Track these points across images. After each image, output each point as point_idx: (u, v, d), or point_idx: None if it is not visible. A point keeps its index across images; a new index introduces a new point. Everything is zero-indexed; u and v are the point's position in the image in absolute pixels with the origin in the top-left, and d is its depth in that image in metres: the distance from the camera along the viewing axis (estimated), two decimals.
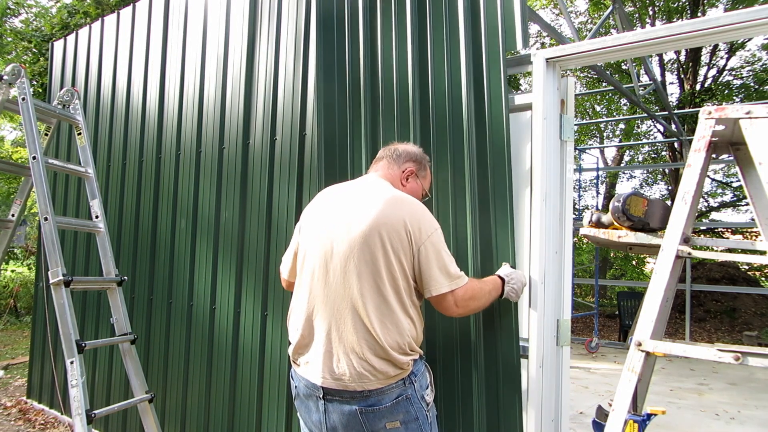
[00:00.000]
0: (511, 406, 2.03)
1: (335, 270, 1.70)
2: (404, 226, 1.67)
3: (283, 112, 2.99)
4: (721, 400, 5.26)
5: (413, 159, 1.97)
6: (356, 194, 1.81)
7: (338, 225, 1.74)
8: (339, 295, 1.68)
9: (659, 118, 8.20)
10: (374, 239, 1.66)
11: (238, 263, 3.11)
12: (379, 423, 1.64)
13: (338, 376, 1.65)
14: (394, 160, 1.95)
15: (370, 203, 1.73)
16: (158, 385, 3.50)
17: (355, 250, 1.67)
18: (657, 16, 12.59)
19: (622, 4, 5.67)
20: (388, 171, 1.93)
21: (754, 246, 1.68)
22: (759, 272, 12.50)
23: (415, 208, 1.75)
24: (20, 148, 13.87)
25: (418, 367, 1.73)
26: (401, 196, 1.78)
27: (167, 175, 3.64)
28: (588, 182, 15.40)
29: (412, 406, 1.67)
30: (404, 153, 1.97)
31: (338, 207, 1.80)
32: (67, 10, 9.85)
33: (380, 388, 1.63)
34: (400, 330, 1.66)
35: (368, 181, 1.89)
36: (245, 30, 3.27)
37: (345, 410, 1.66)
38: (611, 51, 2.06)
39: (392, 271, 1.66)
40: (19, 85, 2.56)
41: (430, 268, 1.68)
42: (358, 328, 1.65)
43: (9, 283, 10.26)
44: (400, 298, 1.68)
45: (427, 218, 1.74)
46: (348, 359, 1.64)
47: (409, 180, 1.95)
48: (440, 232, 1.75)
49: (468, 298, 1.75)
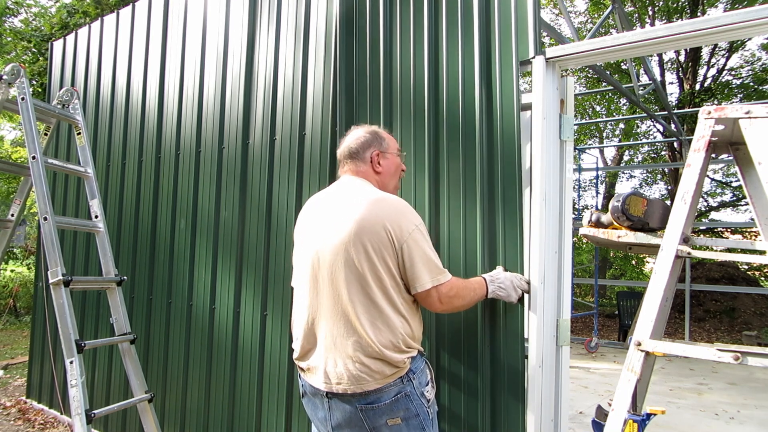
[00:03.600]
0: (514, 407, 2.03)
1: (324, 279, 1.74)
2: (384, 227, 1.68)
3: (283, 111, 2.99)
4: (720, 399, 5.26)
5: (368, 144, 1.92)
6: (337, 201, 1.83)
7: (322, 234, 1.78)
8: (331, 303, 1.72)
9: (659, 118, 8.20)
10: (356, 245, 1.68)
11: (237, 263, 3.11)
12: (380, 420, 1.67)
13: (338, 381, 1.69)
14: (355, 159, 1.92)
15: (350, 209, 1.74)
16: (158, 385, 3.50)
17: (339, 258, 1.70)
18: (656, 16, 12.60)
19: (621, 4, 5.67)
20: (359, 169, 1.91)
21: (754, 246, 1.68)
22: (758, 272, 12.51)
23: (394, 207, 1.76)
24: (20, 148, 13.85)
25: (417, 364, 1.74)
26: (380, 197, 1.77)
27: (167, 175, 3.64)
28: (587, 182, 15.41)
29: (411, 402, 1.69)
30: (358, 146, 1.92)
31: (321, 216, 1.84)
32: (67, 9, 9.85)
33: (379, 387, 1.66)
34: (393, 329, 1.68)
35: (346, 185, 1.88)
36: (245, 30, 3.27)
37: (347, 408, 1.70)
38: (611, 51, 2.06)
39: (377, 273, 1.68)
40: (19, 84, 2.55)
41: (414, 264, 1.70)
42: (350, 333, 1.68)
43: (8, 282, 10.26)
44: (389, 298, 1.70)
45: (406, 215, 1.74)
46: (344, 364, 1.67)
47: (380, 164, 1.92)
48: (422, 228, 1.75)
49: (452, 296, 1.77)
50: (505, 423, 2.06)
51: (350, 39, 2.72)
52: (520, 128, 2.11)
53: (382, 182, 1.93)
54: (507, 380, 2.06)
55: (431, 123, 2.38)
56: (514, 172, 2.10)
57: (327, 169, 2.74)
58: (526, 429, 2.00)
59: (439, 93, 2.37)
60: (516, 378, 2.04)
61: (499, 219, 2.13)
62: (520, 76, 2.17)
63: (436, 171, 2.35)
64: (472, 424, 2.12)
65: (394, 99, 2.52)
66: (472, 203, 2.21)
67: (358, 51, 2.69)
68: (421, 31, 2.46)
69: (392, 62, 2.55)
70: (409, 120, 2.46)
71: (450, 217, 2.26)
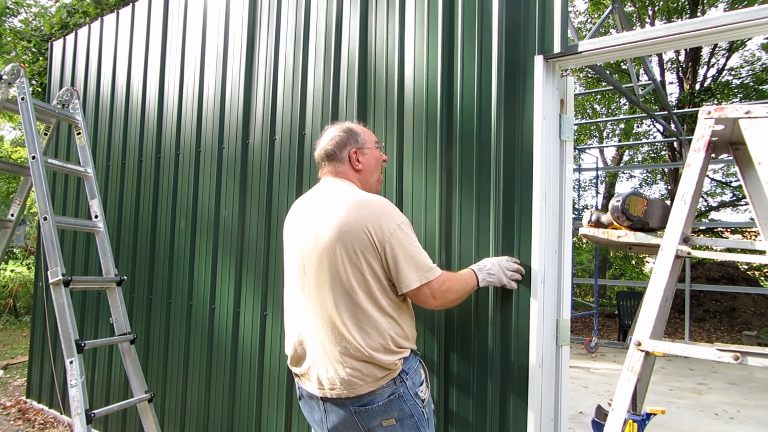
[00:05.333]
0: (522, 409, 2.04)
1: (309, 286, 1.75)
2: (364, 230, 1.66)
3: (283, 111, 2.99)
4: (720, 399, 5.27)
5: (344, 142, 1.88)
6: (318, 206, 1.81)
7: (305, 241, 1.77)
8: (317, 310, 1.72)
9: (659, 118, 8.20)
10: (338, 251, 1.67)
11: (237, 263, 3.11)
12: (374, 421, 1.68)
13: (331, 387, 1.69)
14: (333, 161, 1.88)
15: (331, 214, 1.72)
16: (157, 385, 3.50)
17: (323, 265, 1.70)
18: (656, 15, 12.60)
19: (621, 4, 5.67)
20: (338, 169, 1.88)
21: (754, 246, 1.68)
22: (758, 272, 12.51)
23: (375, 207, 1.72)
24: (19, 148, 13.86)
25: (410, 364, 1.74)
26: (360, 200, 1.74)
27: (167, 175, 3.64)
28: (587, 182, 15.42)
29: (405, 403, 1.69)
30: (333, 146, 1.88)
31: (304, 222, 1.82)
32: (67, 9, 9.85)
33: (371, 390, 1.66)
34: (381, 332, 1.67)
35: (327, 188, 1.86)
36: (245, 29, 3.27)
37: (341, 411, 1.71)
38: (610, 51, 2.06)
39: (361, 277, 1.67)
40: (19, 84, 2.55)
41: (398, 264, 1.68)
42: (338, 339, 1.67)
43: (8, 282, 10.25)
44: (375, 301, 1.68)
45: (387, 215, 1.71)
46: (335, 370, 1.68)
47: (359, 161, 1.88)
48: (405, 226, 1.73)
49: (445, 290, 1.75)
50: (513, 426, 2.06)
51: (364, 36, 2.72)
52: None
53: (363, 179, 1.90)
54: (517, 384, 2.06)
55: (443, 121, 2.38)
56: (530, 171, 2.09)
57: None
58: (527, 429, 2.00)
59: (454, 87, 2.34)
60: (523, 382, 2.04)
61: (516, 221, 2.12)
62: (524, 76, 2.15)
63: (449, 168, 2.32)
64: (480, 427, 2.12)
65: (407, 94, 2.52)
66: (485, 202, 2.21)
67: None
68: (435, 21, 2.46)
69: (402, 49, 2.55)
70: (422, 113, 2.45)
71: (462, 223, 2.25)
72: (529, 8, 2.15)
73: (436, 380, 2.25)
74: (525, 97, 2.13)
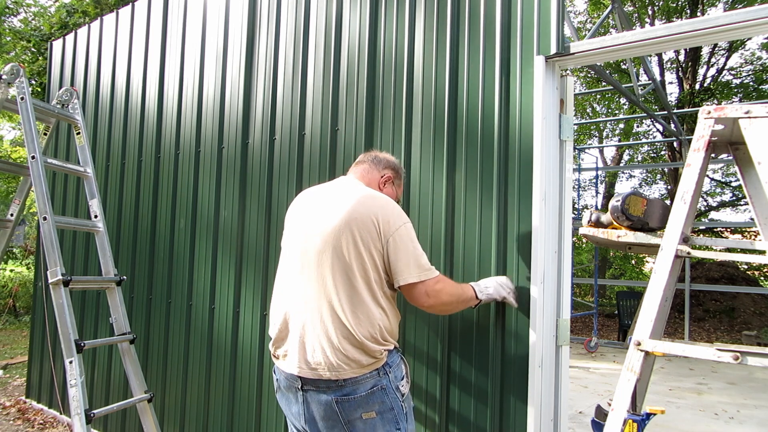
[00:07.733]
0: (521, 407, 2.04)
1: (310, 265, 1.78)
2: (373, 220, 1.75)
3: (283, 111, 2.99)
4: (720, 399, 5.27)
5: (392, 167, 2.07)
6: (332, 193, 1.91)
7: (313, 222, 1.84)
8: (314, 288, 1.76)
9: (658, 118, 8.20)
10: (346, 234, 1.73)
11: (237, 262, 3.11)
12: (355, 413, 1.69)
13: (314, 366, 1.71)
14: (374, 165, 2.04)
15: (344, 201, 1.81)
16: (157, 385, 3.50)
17: (328, 245, 1.75)
18: (656, 15, 12.60)
19: (621, 4, 5.67)
20: (369, 175, 2.02)
21: (754, 245, 1.68)
22: (758, 272, 12.52)
23: (386, 203, 1.82)
24: (19, 148, 13.85)
25: (393, 358, 1.78)
26: (374, 194, 1.86)
27: (166, 175, 3.64)
28: (587, 182, 15.42)
29: (387, 396, 1.72)
30: (384, 160, 2.06)
31: (314, 206, 1.90)
32: (66, 9, 9.85)
33: (354, 377, 1.69)
34: (371, 320, 1.72)
35: (345, 182, 1.98)
36: (244, 29, 3.27)
37: (322, 400, 1.72)
38: (610, 51, 2.06)
39: (363, 263, 1.73)
40: (18, 84, 2.55)
41: (398, 258, 1.75)
42: (332, 319, 1.71)
43: (8, 282, 10.24)
44: (371, 290, 1.74)
45: (396, 213, 1.81)
46: (322, 349, 1.70)
47: (386, 185, 2.04)
48: (409, 227, 1.81)
49: (439, 289, 1.79)
50: (512, 425, 2.06)
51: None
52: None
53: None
54: (515, 384, 2.07)
55: (450, 120, 2.38)
56: (530, 170, 2.10)
57: (327, 169, 2.74)
58: (527, 428, 2.01)
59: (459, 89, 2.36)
60: (525, 380, 2.05)
61: (514, 221, 2.13)
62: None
63: (454, 165, 2.33)
64: (481, 426, 2.13)
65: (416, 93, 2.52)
66: (488, 198, 2.21)
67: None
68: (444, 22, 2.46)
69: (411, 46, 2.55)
70: (429, 112, 2.45)
71: (466, 221, 2.26)
72: (528, 9, 2.16)
73: (438, 379, 2.26)
74: (525, 97, 2.14)
